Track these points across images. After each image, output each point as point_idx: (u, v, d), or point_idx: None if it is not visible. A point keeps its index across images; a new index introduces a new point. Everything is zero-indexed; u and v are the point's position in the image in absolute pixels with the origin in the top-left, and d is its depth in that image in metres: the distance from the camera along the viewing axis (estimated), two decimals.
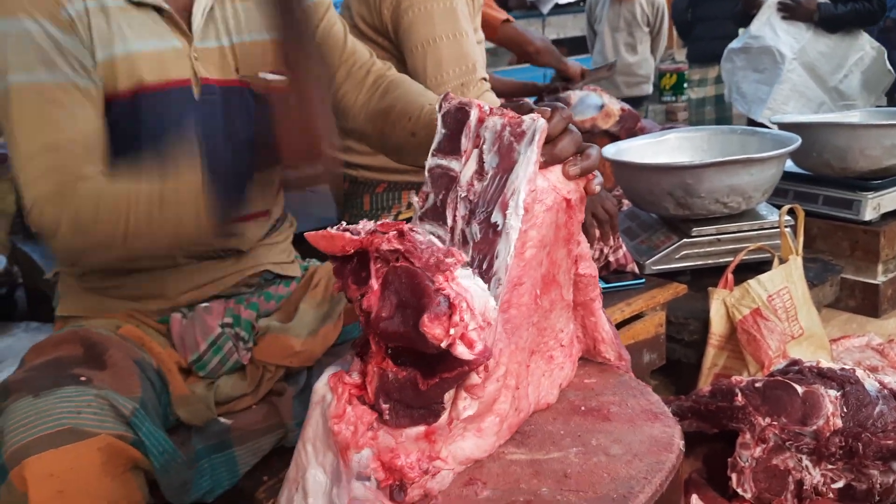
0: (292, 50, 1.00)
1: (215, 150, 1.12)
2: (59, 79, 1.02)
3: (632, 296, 1.75)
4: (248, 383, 1.20)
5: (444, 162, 0.97)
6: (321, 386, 0.82)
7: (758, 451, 1.17)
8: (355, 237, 0.76)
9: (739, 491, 1.16)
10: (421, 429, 0.81)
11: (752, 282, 1.77)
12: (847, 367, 1.24)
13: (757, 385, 1.23)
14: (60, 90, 1.03)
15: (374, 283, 0.77)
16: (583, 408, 1.00)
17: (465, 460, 0.87)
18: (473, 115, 0.95)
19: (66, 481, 0.84)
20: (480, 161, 0.95)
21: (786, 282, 1.79)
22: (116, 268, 1.16)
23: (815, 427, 1.15)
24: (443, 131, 0.98)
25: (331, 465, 0.80)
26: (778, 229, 1.92)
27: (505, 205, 0.88)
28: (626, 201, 2.33)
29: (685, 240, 1.99)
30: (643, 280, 1.82)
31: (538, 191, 0.91)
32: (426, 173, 0.99)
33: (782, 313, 1.76)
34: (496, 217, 0.89)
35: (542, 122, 0.89)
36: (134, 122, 1.10)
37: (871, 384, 1.21)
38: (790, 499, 1.16)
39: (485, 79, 1.79)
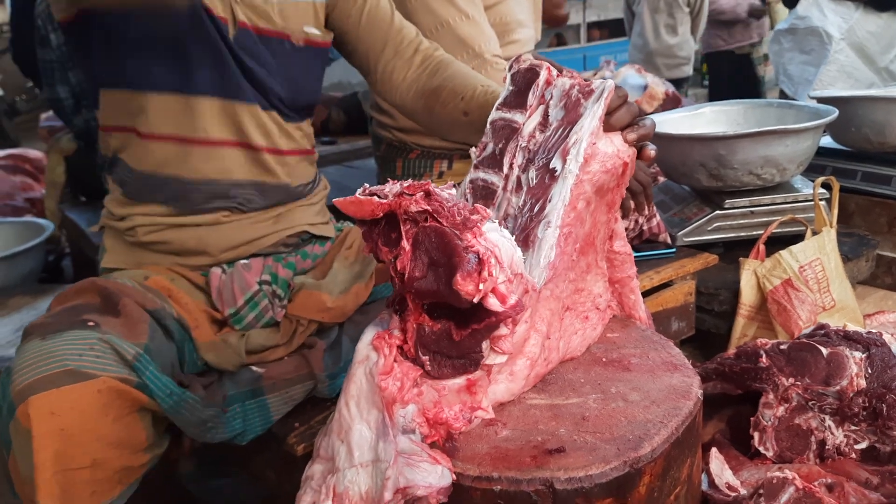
0: None
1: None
2: None
3: (662, 264, 1.75)
4: (281, 335, 1.24)
5: (507, 115, 1.02)
6: (364, 346, 0.85)
7: (780, 411, 1.18)
8: (383, 200, 0.78)
9: (761, 449, 1.17)
10: (462, 381, 0.84)
11: (783, 252, 1.76)
12: (874, 331, 1.24)
13: (782, 347, 1.24)
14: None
15: (406, 245, 0.79)
16: (604, 359, 1.03)
17: (494, 403, 0.90)
18: (542, 75, 1.02)
19: (68, 420, 0.89)
20: (545, 115, 1.00)
21: (818, 253, 1.77)
22: (162, 223, 1.21)
23: (838, 387, 1.15)
24: (510, 88, 1.04)
25: (376, 420, 0.83)
26: (812, 202, 1.90)
27: (566, 152, 0.93)
28: (660, 176, 2.33)
29: (718, 212, 1.98)
30: (674, 250, 1.83)
31: (601, 152, 0.95)
32: (488, 126, 1.04)
33: (814, 284, 1.75)
34: (555, 163, 0.94)
35: (610, 83, 0.96)
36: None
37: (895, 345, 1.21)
38: (812, 458, 1.17)
39: (498, 55, 1.80)
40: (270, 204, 1.28)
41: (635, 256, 1.78)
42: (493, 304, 0.77)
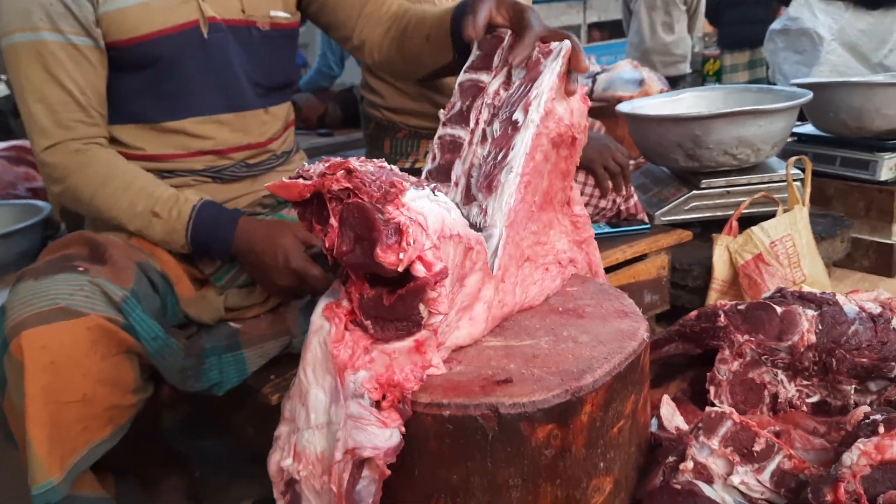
0: None
1: (226, 84, 1.24)
2: (60, 39, 1.13)
3: (636, 240, 1.80)
4: (258, 295, 1.29)
5: (474, 76, 1.09)
6: (317, 316, 0.89)
7: (735, 366, 1.22)
8: (308, 182, 0.81)
9: (716, 403, 1.22)
10: (410, 342, 0.88)
11: (755, 228, 1.81)
12: (828, 293, 1.29)
13: (739, 307, 1.28)
14: (63, 49, 1.13)
15: (333, 222, 0.82)
16: (560, 308, 1.08)
17: (455, 347, 0.95)
18: (507, 40, 1.07)
19: (58, 354, 0.95)
20: (509, 74, 1.06)
21: (789, 230, 1.82)
22: None
23: (790, 342, 1.20)
24: (477, 52, 1.11)
25: (329, 386, 0.87)
26: (782, 182, 1.96)
27: (528, 104, 0.99)
28: (641, 159, 2.38)
29: (694, 191, 2.03)
30: (649, 226, 1.88)
31: (557, 114, 1.01)
32: (456, 87, 1.10)
33: (784, 259, 1.80)
34: (518, 115, 1.00)
35: (567, 43, 1.03)
36: (149, 67, 1.20)
37: (850, 307, 1.25)
38: (765, 411, 1.22)
39: None
40: (253, 174, 1.34)
41: (611, 232, 1.85)
42: (418, 270, 0.80)
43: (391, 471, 0.84)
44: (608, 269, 1.73)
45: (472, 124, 1.08)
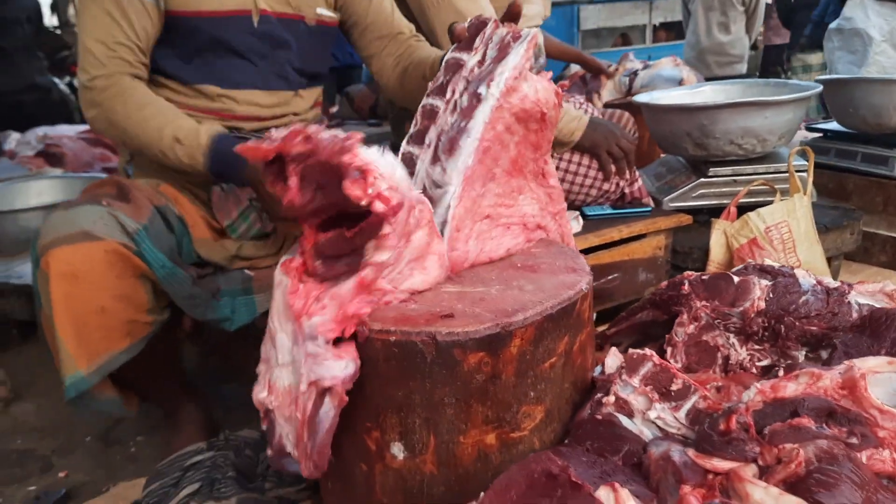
0: None
1: (266, 68, 1.42)
2: None
3: (635, 221, 1.90)
4: (270, 245, 1.46)
5: (457, 55, 1.24)
6: (277, 272, 1.04)
7: (691, 328, 1.32)
8: (271, 145, 0.94)
9: (671, 362, 1.32)
10: (354, 281, 0.99)
11: (752, 214, 1.89)
12: (787, 267, 1.37)
13: (703, 277, 1.38)
14: (131, 1, 1.32)
15: (293, 182, 0.96)
16: (519, 264, 1.21)
17: (412, 291, 1.09)
18: (490, 26, 1.24)
19: (79, 269, 1.14)
20: (484, 54, 1.20)
21: (786, 216, 1.89)
22: None
23: (741, 308, 1.29)
24: (465, 37, 1.25)
25: (291, 330, 1.02)
26: (797, 173, 2.02)
27: (491, 80, 1.13)
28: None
29: (702, 179, 2.11)
30: (650, 209, 1.97)
31: (523, 92, 1.15)
32: (442, 64, 1.25)
33: (778, 244, 1.87)
34: (482, 89, 1.14)
35: (534, 31, 1.17)
36: (194, 38, 1.39)
37: (807, 281, 1.33)
38: (717, 371, 1.32)
39: None
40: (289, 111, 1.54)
41: (613, 213, 1.95)
42: (378, 207, 0.93)
43: (352, 390, 0.99)
44: (604, 246, 1.85)
45: (448, 95, 1.22)
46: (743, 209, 1.98)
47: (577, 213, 1.91)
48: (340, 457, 1.08)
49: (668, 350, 1.33)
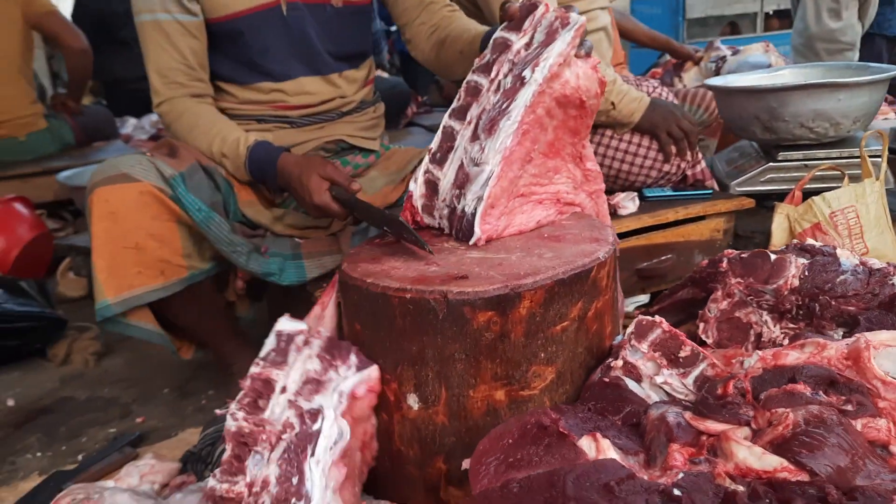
0: None
1: (303, 53, 1.51)
2: (169, 17, 1.45)
3: (694, 203, 1.89)
4: (320, 220, 1.56)
5: (506, 35, 1.29)
6: None
7: (724, 305, 1.32)
8: None
9: (703, 337, 1.32)
10: None
11: (816, 198, 1.84)
12: (829, 247, 1.34)
13: (742, 256, 1.38)
14: (171, 25, 1.46)
15: None
16: (546, 235, 1.25)
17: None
18: (540, 9, 1.28)
19: (116, 206, 1.29)
20: (532, 37, 1.25)
21: (854, 201, 1.83)
22: None
23: (774, 286, 1.28)
24: (517, 17, 1.29)
25: None
26: (874, 158, 1.94)
27: (536, 65, 1.18)
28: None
29: (771, 163, 2.06)
30: (711, 192, 1.95)
31: (565, 78, 1.19)
32: (490, 41, 1.31)
33: (843, 230, 1.81)
34: (526, 73, 1.19)
35: (582, 19, 1.21)
36: (237, 41, 1.50)
37: (848, 260, 1.30)
38: (750, 349, 1.31)
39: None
40: (320, 121, 1.61)
41: (672, 195, 1.95)
42: None
43: (371, 344, 1.07)
44: (659, 227, 1.85)
45: (493, 74, 1.27)
46: (813, 195, 1.93)
47: (635, 194, 1.91)
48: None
49: (701, 326, 1.34)
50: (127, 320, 1.35)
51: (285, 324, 1.14)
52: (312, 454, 1.08)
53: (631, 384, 1.05)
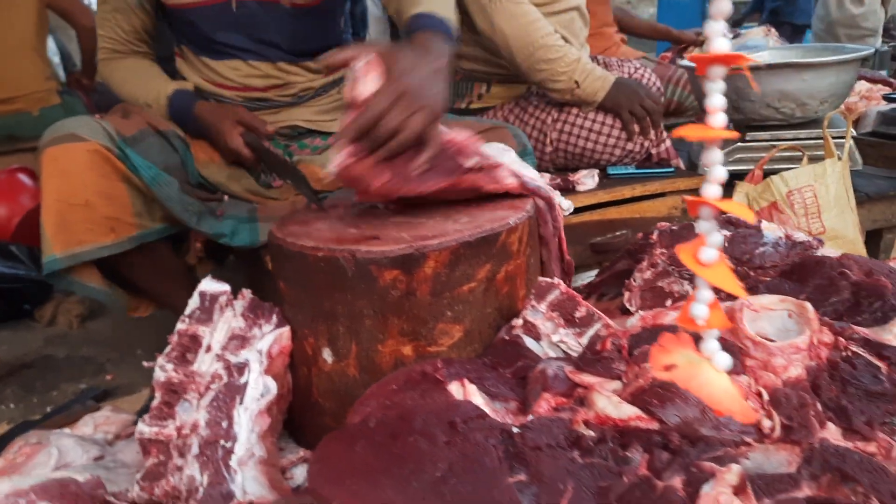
0: None
1: (258, 48, 1.57)
2: None
3: (652, 180, 1.92)
4: (281, 192, 1.62)
5: None
6: None
7: (647, 274, 1.36)
8: None
9: (628, 306, 1.36)
10: None
11: (775, 177, 1.86)
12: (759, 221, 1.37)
13: (674, 228, 1.41)
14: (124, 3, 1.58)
15: None
16: (473, 203, 1.29)
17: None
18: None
19: (65, 165, 1.35)
20: None
21: (812, 181, 1.84)
22: None
23: None
24: None
25: None
26: (838, 140, 1.95)
27: None
28: None
29: (738, 143, 2.08)
30: (672, 170, 1.98)
31: None
32: None
33: (800, 209, 1.83)
34: None
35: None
36: (190, 26, 1.58)
37: (773, 233, 1.33)
38: None
39: None
40: (274, 106, 1.67)
41: (635, 173, 1.98)
42: None
43: (293, 301, 1.14)
44: (616, 203, 1.89)
45: None
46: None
47: (596, 171, 1.95)
48: (292, 363, 1.23)
49: (626, 294, 1.38)
50: (73, 277, 1.42)
51: (208, 284, 1.21)
52: (241, 402, 1.15)
53: (529, 342, 1.10)
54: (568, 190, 1.89)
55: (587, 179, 1.90)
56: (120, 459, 1.32)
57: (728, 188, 2.01)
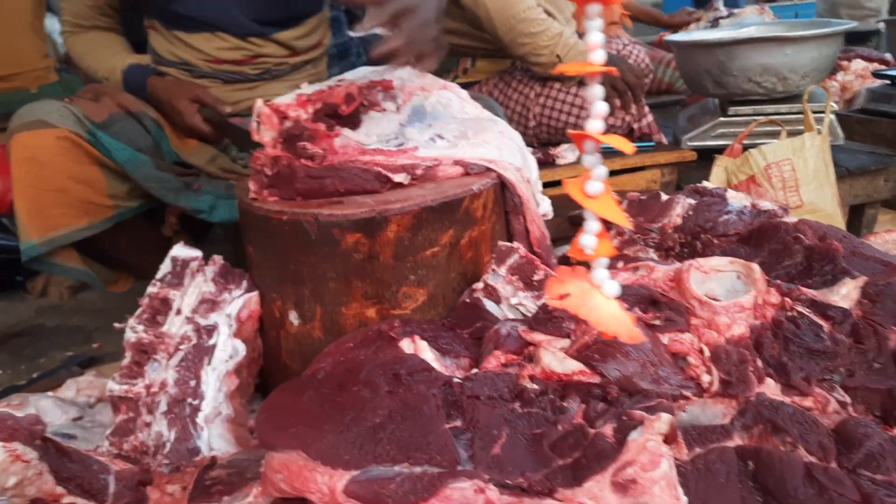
0: None
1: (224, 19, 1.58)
2: None
3: (635, 154, 1.93)
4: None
5: None
6: None
7: (615, 242, 1.38)
8: None
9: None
10: None
11: (753, 150, 1.86)
12: (721, 188, 1.39)
13: (642, 198, 1.43)
14: None
15: None
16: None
17: None
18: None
19: (35, 152, 1.37)
20: None
21: (790, 154, 1.85)
22: None
23: (660, 224, 1.34)
24: None
25: None
26: (819, 114, 1.96)
27: None
28: None
29: (720, 118, 2.09)
30: (653, 144, 1.99)
31: None
32: None
33: (778, 183, 1.84)
34: None
35: None
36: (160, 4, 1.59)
37: (738, 202, 1.35)
38: None
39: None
40: (249, 80, 1.69)
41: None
42: None
43: (260, 265, 1.16)
44: None
45: None
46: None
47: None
48: (262, 327, 1.26)
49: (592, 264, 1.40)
50: (52, 259, 1.45)
51: (180, 250, 1.24)
52: (209, 363, 1.18)
53: (490, 305, 1.13)
54: (549, 163, 1.91)
55: (568, 153, 1.92)
56: (98, 420, 1.36)
57: (708, 162, 2.03)
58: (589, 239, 0.65)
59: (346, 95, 1.22)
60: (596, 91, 0.63)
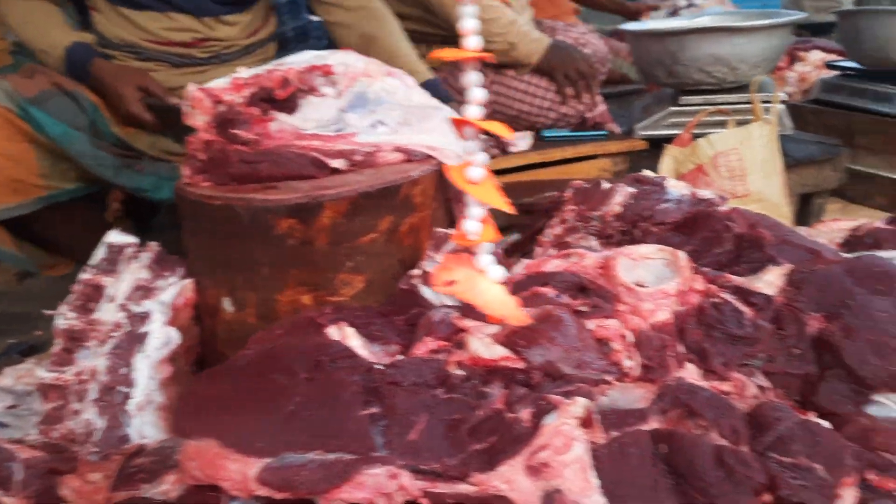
0: None
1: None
2: None
3: (584, 143, 1.94)
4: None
5: None
6: None
7: (558, 230, 1.39)
8: None
9: None
10: None
11: (702, 140, 1.88)
12: (662, 177, 1.40)
13: (585, 187, 1.44)
14: None
15: None
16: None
17: None
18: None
19: None
20: None
21: (738, 144, 1.87)
22: None
23: (601, 212, 1.34)
24: None
25: None
26: (768, 104, 1.98)
27: None
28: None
29: (672, 108, 2.11)
30: (605, 133, 2.00)
31: None
32: None
33: (725, 172, 1.86)
34: None
35: None
36: None
37: (677, 190, 1.36)
38: None
39: None
40: (199, 64, 1.66)
41: (568, 136, 2.00)
42: None
43: (195, 251, 1.15)
44: (548, 164, 1.91)
45: None
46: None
47: (529, 133, 1.97)
48: (199, 315, 1.25)
49: (537, 250, 1.40)
50: None
51: (115, 236, 1.22)
52: (142, 350, 1.17)
53: (426, 291, 1.13)
54: (501, 151, 1.91)
55: (520, 141, 1.92)
56: (33, 409, 1.34)
57: (660, 151, 2.04)
58: (472, 224, 0.65)
59: (282, 80, 1.21)
60: (472, 77, 0.63)
